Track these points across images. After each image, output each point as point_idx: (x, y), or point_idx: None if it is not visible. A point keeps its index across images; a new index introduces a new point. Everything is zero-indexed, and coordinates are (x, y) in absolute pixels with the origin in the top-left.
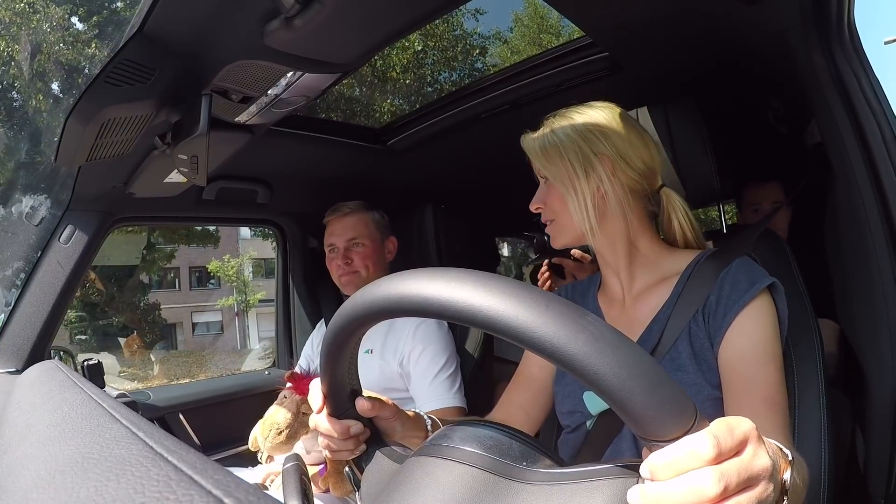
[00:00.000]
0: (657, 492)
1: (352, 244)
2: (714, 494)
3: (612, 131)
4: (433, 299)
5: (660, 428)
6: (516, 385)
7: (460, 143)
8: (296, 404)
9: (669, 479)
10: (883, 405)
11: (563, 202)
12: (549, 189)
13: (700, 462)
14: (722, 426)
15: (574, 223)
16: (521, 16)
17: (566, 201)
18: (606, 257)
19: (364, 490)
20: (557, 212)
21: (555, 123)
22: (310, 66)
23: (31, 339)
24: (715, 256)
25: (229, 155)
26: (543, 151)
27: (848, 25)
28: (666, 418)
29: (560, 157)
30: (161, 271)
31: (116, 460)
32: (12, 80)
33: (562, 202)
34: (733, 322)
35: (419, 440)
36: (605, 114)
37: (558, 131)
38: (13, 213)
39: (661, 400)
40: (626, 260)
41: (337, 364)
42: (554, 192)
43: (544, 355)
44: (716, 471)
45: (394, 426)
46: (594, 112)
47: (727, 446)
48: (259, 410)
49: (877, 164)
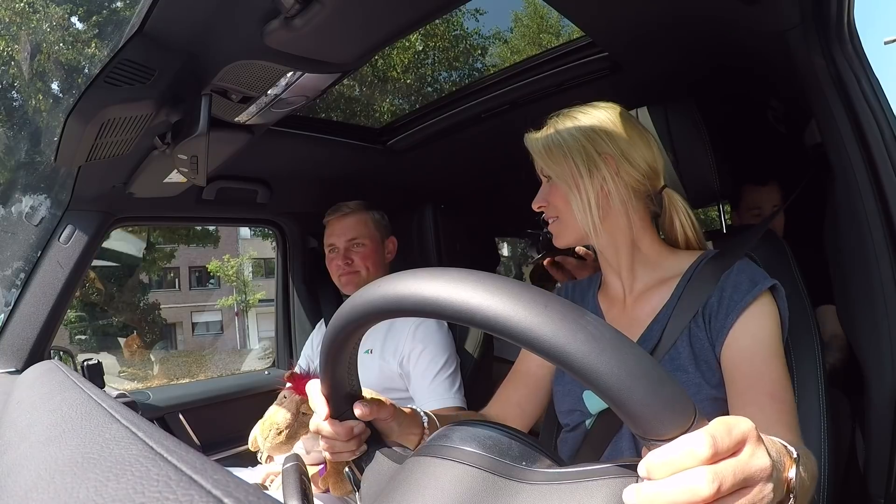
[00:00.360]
0: (652, 490)
1: (352, 244)
2: (707, 494)
3: (616, 131)
4: (433, 299)
5: (658, 426)
6: (512, 381)
7: (460, 143)
8: (295, 404)
9: (665, 477)
10: (883, 405)
11: (567, 201)
12: (552, 188)
13: (696, 461)
14: (720, 426)
15: (577, 222)
16: (521, 16)
17: (569, 200)
18: (608, 257)
19: (364, 490)
20: (561, 210)
21: (558, 123)
22: (310, 66)
23: (31, 339)
24: (716, 258)
25: (229, 155)
26: (547, 151)
27: (848, 25)
28: (664, 417)
29: (564, 157)
30: (161, 271)
31: (116, 460)
32: (12, 80)
33: (565, 201)
34: (735, 323)
35: (416, 437)
36: (608, 114)
37: (562, 131)
38: (13, 213)
39: (660, 398)
40: (628, 260)
41: (337, 365)
42: (557, 192)
43: (543, 354)
44: (710, 471)
45: (391, 426)
46: (598, 112)
47: (724, 446)
48: (259, 410)
49: (876, 164)
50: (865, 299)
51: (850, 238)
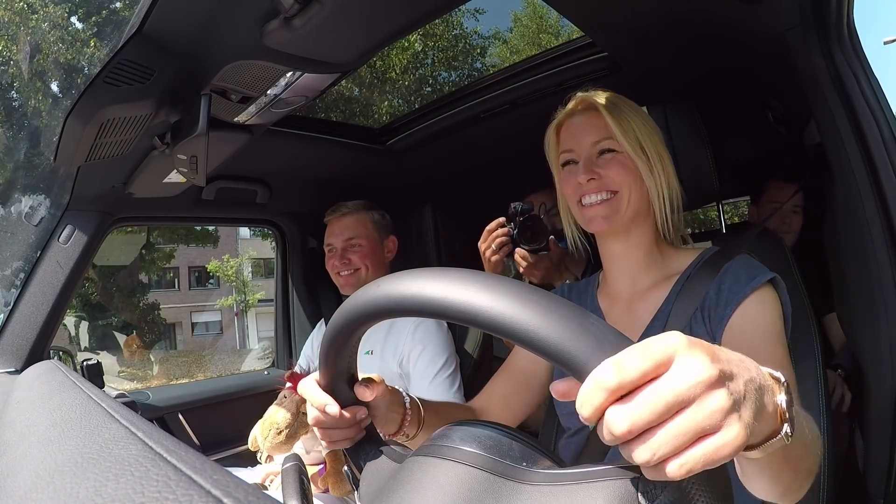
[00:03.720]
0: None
1: (349, 244)
2: (620, 433)
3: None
4: (432, 300)
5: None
6: (500, 375)
7: (460, 143)
8: (295, 404)
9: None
10: (882, 405)
11: (634, 176)
12: (614, 159)
13: (604, 393)
14: (636, 348)
15: (638, 201)
16: (521, 16)
17: (640, 175)
18: (624, 255)
19: (363, 489)
20: (622, 185)
21: (619, 103)
22: (309, 66)
23: (31, 339)
24: (715, 255)
25: (228, 155)
26: (622, 121)
27: (847, 26)
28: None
29: (638, 138)
30: (160, 271)
31: (115, 460)
32: (12, 80)
33: (632, 175)
34: (735, 312)
35: (398, 416)
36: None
37: (631, 114)
38: (13, 213)
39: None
40: (646, 257)
41: (337, 361)
42: (624, 164)
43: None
44: (620, 411)
45: (380, 403)
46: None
47: (636, 370)
48: (259, 410)
49: (876, 164)
50: (865, 300)
51: (849, 238)
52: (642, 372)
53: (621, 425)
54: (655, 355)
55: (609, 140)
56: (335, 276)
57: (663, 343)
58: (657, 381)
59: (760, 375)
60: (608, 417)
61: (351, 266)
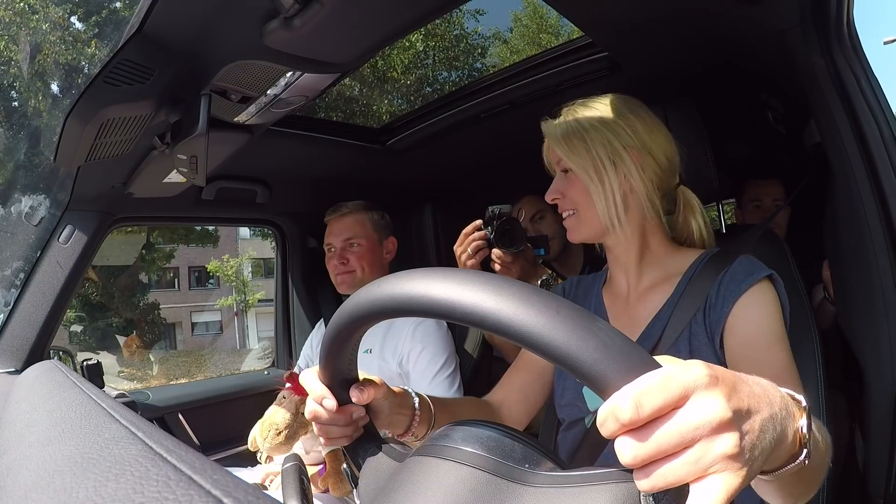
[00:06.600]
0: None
1: (348, 244)
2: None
3: (639, 124)
4: (433, 299)
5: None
6: (516, 368)
7: (460, 143)
8: (295, 404)
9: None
10: (882, 405)
11: (586, 194)
12: (570, 180)
13: (617, 426)
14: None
15: (597, 216)
16: (521, 16)
17: (591, 193)
18: (618, 254)
19: (362, 488)
20: (579, 203)
21: (578, 113)
22: (309, 66)
23: (31, 339)
24: (717, 257)
25: (228, 155)
26: (567, 141)
27: (847, 25)
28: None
29: (586, 149)
30: (160, 271)
31: (115, 460)
32: (12, 80)
33: (585, 194)
34: (732, 310)
35: (406, 418)
36: (629, 106)
37: (584, 122)
38: (13, 213)
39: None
40: (638, 258)
41: (337, 360)
42: (576, 184)
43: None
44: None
45: (382, 405)
46: (618, 103)
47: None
48: (258, 410)
49: (876, 164)
50: (865, 299)
51: (849, 238)
52: (658, 409)
53: (626, 456)
54: (673, 392)
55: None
56: (334, 275)
57: (684, 377)
58: (668, 419)
59: (782, 408)
60: (618, 444)
61: (349, 266)
